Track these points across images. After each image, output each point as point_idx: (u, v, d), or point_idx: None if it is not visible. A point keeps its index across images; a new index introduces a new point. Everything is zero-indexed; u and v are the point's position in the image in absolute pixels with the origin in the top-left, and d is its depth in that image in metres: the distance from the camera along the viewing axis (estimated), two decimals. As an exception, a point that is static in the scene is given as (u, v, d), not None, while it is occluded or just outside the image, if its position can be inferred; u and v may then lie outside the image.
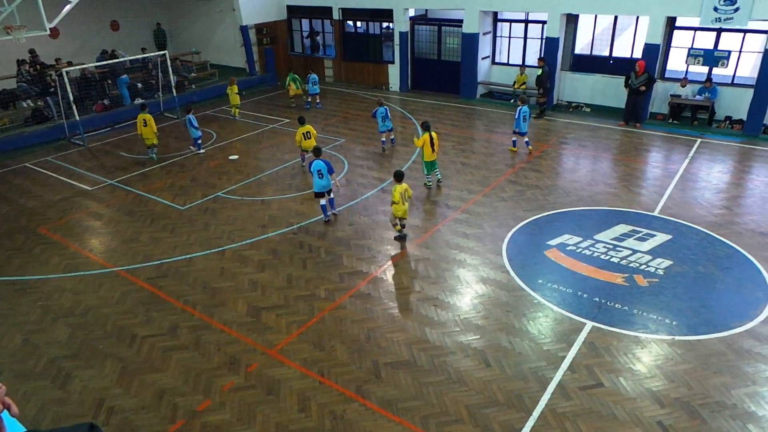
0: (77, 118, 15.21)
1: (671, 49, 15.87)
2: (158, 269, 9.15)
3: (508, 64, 19.16)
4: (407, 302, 8.04)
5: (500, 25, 18.98)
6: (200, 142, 14.44)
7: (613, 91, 16.45)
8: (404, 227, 9.55)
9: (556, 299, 7.95)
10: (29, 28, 13.29)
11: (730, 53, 14.66)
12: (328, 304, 8.06)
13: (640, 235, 9.60)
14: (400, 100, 19.42)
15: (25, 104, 17.02)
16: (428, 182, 11.77)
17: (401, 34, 19.58)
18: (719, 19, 13.88)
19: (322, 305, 8.03)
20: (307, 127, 12.71)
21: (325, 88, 21.55)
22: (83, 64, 17.98)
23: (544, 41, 17.21)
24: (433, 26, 19.58)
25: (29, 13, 13.26)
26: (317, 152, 10.45)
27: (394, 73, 20.54)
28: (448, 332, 7.36)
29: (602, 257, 8.96)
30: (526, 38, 18.51)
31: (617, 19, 16.56)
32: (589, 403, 6.14)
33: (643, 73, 14.88)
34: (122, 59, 18.13)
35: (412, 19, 19.68)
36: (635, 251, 9.08)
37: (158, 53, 17.90)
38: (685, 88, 15.39)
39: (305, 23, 23.01)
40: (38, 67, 17.51)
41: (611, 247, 9.25)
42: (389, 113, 14.06)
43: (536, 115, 16.38)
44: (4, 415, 1.81)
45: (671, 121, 15.75)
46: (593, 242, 9.42)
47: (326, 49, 23.08)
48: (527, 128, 13.42)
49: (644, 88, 15.00)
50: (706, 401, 6.11)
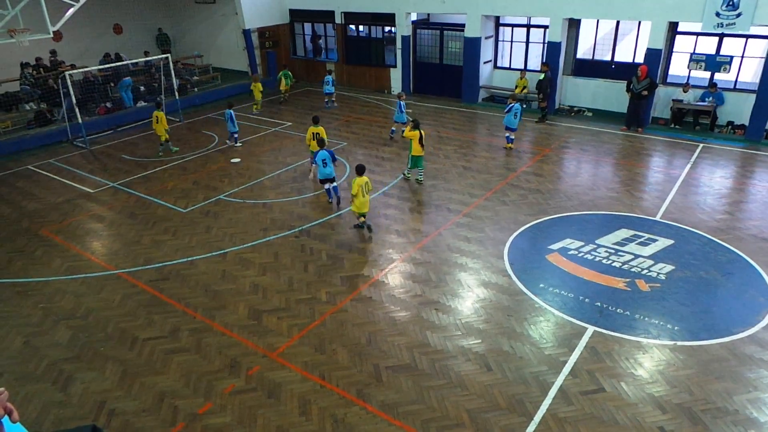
0: (80, 120, 15.26)
1: (673, 54, 15.87)
2: (160, 272, 9.15)
3: (510, 68, 19.18)
4: (408, 306, 8.03)
5: (502, 29, 19.01)
6: (237, 136, 15.25)
7: (614, 95, 16.45)
8: (365, 218, 9.91)
9: (557, 304, 7.94)
10: (32, 31, 13.34)
11: (732, 58, 14.67)
12: (329, 307, 8.06)
13: (642, 239, 9.59)
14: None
15: (27, 107, 17.07)
16: (407, 173, 12.49)
17: (403, 38, 19.62)
18: (721, 24, 13.89)
19: (323, 308, 8.03)
20: (318, 128, 12.40)
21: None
22: (86, 67, 18.04)
23: (546, 46, 17.24)
24: (435, 30, 19.62)
25: (33, 16, 13.32)
26: (321, 143, 11.09)
27: (396, 76, 20.58)
28: (449, 336, 7.34)
29: (604, 262, 8.94)
30: (528, 43, 18.54)
31: (619, 23, 16.58)
32: (590, 408, 6.12)
33: (644, 78, 14.89)
34: (125, 62, 18.19)
35: (414, 23, 19.73)
36: (637, 256, 9.06)
37: (161, 56, 17.96)
38: (687, 93, 15.39)
39: (308, 27, 23.07)
40: (42, 70, 17.58)
41: (613, 251, 9.24)
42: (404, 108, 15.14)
43: (537, 119, 16.40)
44: (4, 420, 1.80)
45: (673, 126, 15.74)
46: (595, 247, 9.40)
47: (328, 52, 23.13)
48: (516, 125, 13.90)
49: (646, 92, 15.00)
50: (707, 407, 6.08)
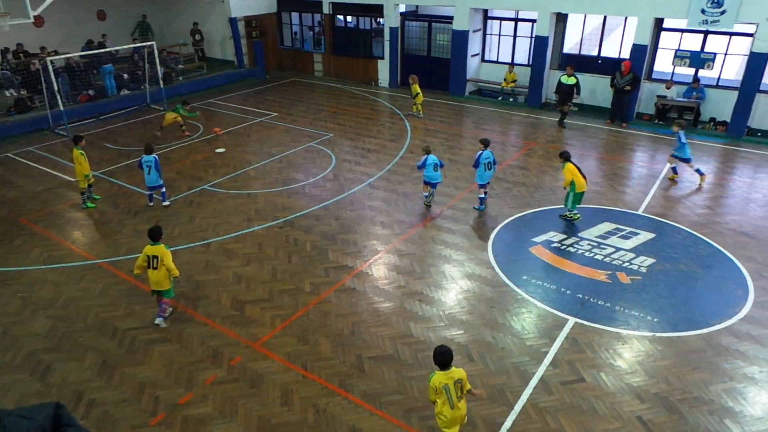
0: (61, 108, 15.00)
1: (658, 50, 16.00)
2: (142, 261, 9.06)
3: (497, 62, 19.20)
4: (392, 297, 8.04)
5: (490, 22, 19.01)
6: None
7: (600, 90, 16.55)
8: None
9: (539, 295, 8.00)
10: (12, 15, 13.05)
11: (715, 55, 14.82)
12: (312, 298, 8.04)
13: (624, 233, 9.69)
14: (389, 95, 19.39)
15: (8, 93, 16.74)
16: (573, 214, 10.13)
17: (391, 29, 19.53)
18: (706, 21, 14.02)
19: (306, 299, 8.01)
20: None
21: (314, 82, 21.53)
22: (68, 53, 17.71)
23: (533, 40, 17.28)
24: (423, 22, 19.56)
25: (13, 0, 13.04)
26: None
27: (383, 68, 20.49)
28: (432, 327, 7.38)
29: (586, 254, 9.03)
30: (515, 36, 18.56)
31: (606, 19, 16.66)
32: (570, 397, 6.19)
33: (628, 73, 15.01)
34: (108, 49, 17.88)
35: (402, 14, 19.64)
36: (619, 249, 9.16)
37: (145, 44, 17.70)
38: (670, 89, 15.53)
39: (295, 17, 22.87)
40: (22, 56, 17.24)
41: (595, 244, 9.33)
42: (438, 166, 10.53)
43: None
44: None
45: (657, 121, 15.89)
46: (578, 240, 9.49)
47: (316, 43, 22.97)
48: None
49: (629, 88, 15.12)
50: (684, 396, 6.19)
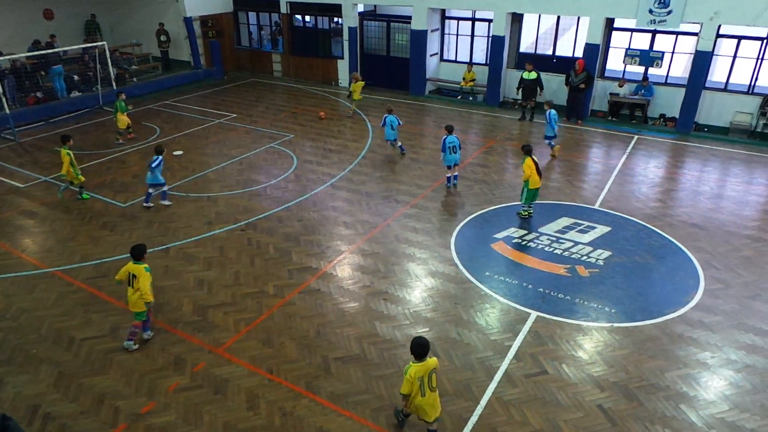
0: (7, 111, 14.37)
1: (610, 49, 16.51)
2: (97, 269, 8.77)
3: (456, 61, 19.43)
4: (357, 297, 8.04)
5: (448, 22, 19.21)
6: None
7: (555, 88, 16.96)
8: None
9: (502, 290, 8.14)
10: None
11: (663, 54, 15.40)
12: (276, 300, 7.96)
13: (581, 227, 9.96)
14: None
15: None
16: (525, 211, 10.36)
17: (350, 29, 19.51)
18: (654, 21, 14.54)
19: (270, 302, 7.92)
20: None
21: (273, 83, 21.30)
22: (13, 54, 16.98)
23: (490, 39, 17.56)
24: (382, 22, 19.61)
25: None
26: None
27: (343, 68, 20.44)
28: (398, 326, 7.41)
29: (546, 249, 9.24)
30: (473, 36, 18.81)
31: (560, 19, 17.08)
32: (533, 390, 6.32)
33: (582, 71, 15.44)
34: (56, 50, 17.23)
35: (361, 14, 19.64)
36: (577, 243, 9.41)
37: (96, 44, 17.13)
38: (622, 87, 16.05)
39: (252, 16, 22.55)
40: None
41: (555, 239, 9.55)
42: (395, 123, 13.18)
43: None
44: None
45: (610, 118, 16.40)
46: (538, 235, 9.70)
47: (278, 41, 22.71)
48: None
49: (584, 86, 15.55)
50: (642, 384, 6.41)
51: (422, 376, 5.21)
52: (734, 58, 14.64)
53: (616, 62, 16.87)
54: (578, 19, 16.68)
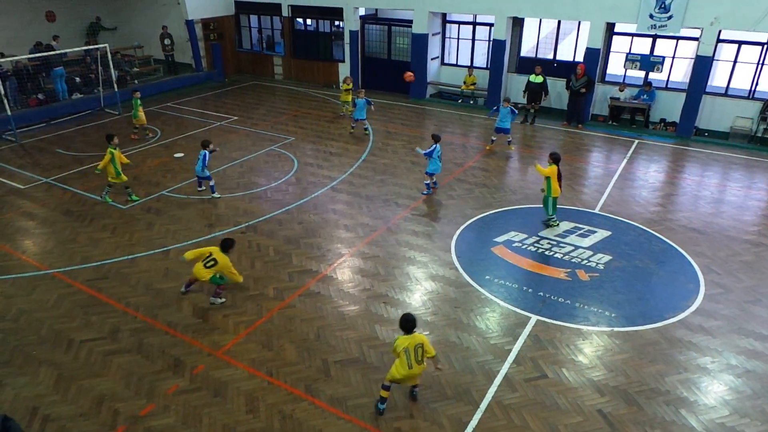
0: (9, 113, 14.39)
1: (611, 53, 16.54)
2: (98, 271, 8.77)
3: (457, 65, 19.46)
4: (357, 300, 8.03)
5: (449, 26, 19.25)
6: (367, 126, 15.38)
7: (556, 92, 16.98)
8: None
9: (502, 294, 8.14)
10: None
11: (664, 59, 15.42)
12: (276, 303, 7.95)
13: (581, 231, 9.96)
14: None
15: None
16: (553, 221, 10.27)
17: (351, 32, 19.55)
18: (654, 25, 14.57)
19: (270, 305, 7.92)
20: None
21: (274, 86, 21.33)
22: (15, 56, 17.02)
23: (491, 43, 17.59)
24: (383, 26, 19.65)
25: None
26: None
27: (344, 71, 20.45)
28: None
29: (546, 253, 9.24)
30: (474, 40, 18.85)
31: (560, 23, 17.11)
32: (533, 394, 6.31)
33: (582, 76, 15.46)
34: (58, 51, 17.26)
35: (362, 18, 19.68)
36: (577, 247, 9.41)
37: (98, 46, 17.17)
38: (623, 92, 16.07)
39: (254, 19, 22.61)
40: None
41: (555, 243, 9.55)
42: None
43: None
44: None
45: (611, 122, 16.42)
46: (538, 239, 9.70)
47: (275, 46, 22.77)
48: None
49: (584, 90, 15.58)
50: (642, 389, 6.40)
51: (407, 347, 5.71)
52: (735, 63, 14.67)
53: (616, 67, 16.90)
54: (579, 23, 16.72)
